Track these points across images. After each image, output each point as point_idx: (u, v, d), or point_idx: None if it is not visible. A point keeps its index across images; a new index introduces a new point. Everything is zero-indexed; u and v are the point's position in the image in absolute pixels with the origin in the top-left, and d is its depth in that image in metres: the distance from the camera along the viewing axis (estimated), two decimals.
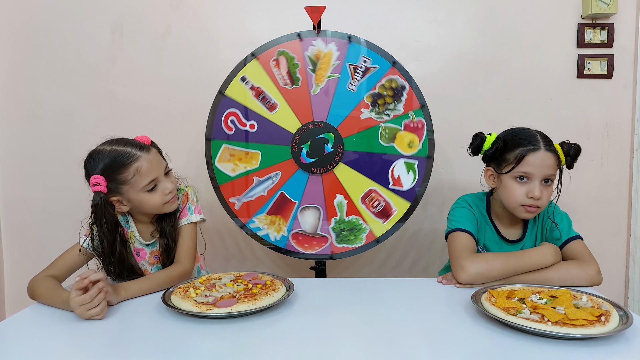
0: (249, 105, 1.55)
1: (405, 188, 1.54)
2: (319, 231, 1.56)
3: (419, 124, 1.52)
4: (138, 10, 1.97)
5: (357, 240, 1.55)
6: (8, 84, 2.03)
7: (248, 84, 1.54)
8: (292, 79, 1.54)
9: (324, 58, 1.53)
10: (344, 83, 1.53)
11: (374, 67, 1.52)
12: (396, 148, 1.53)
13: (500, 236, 1.33)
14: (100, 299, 0.99)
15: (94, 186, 1.16)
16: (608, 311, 0.92)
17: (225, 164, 1.57)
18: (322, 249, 1.56)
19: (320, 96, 1.54)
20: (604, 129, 1.96)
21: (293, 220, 1.56)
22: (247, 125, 1.55)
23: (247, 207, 1.58)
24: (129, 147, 1.21)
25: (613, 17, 1.90)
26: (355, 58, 1.53)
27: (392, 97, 1.52)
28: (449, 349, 0.85)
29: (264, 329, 0.93)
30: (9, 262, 2.12)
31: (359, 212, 1.55)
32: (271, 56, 1.54)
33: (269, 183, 1.56)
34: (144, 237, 1.31)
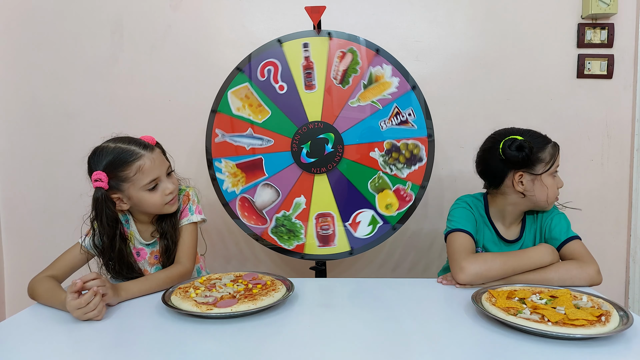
0: (292, 69, 1.54)
1: (357, 235, 1.56)
2: (265, 212, 1.57)
3: (408, 197, 1.54)
4: (138, 11, 1.97)
5: (287, 242, 1.57)
6: (8, 84, 2.03)
7: (306, 52, 1.53)
8: (344, 79, 1.54)
9: (382, 84, 1.53)
10: (379, 116, 1.54)
11: (412, 124, 1.53)
12: (376, 200, 1.55)
13: (499, 236, 1.33)
14: (96, 302, 0.98)
15: (95, 182, 1.17)
16: (608, 311, 0.92)
17: (236, 100, 1.56)
18: (254, 227, 1.57)
19: (353, 111, 1.54)
20: (604, 129, 1.95)
21: (252, 187, 1.57)
22: (278, 83, 1.55)
23: (224, 148, 1.58)
24: (133, 145, 1.21)
25: (613, 17, 1.90)
26: (405, 105, 1.53)
27: (407, 160, 1.53)
28: (449, 349, 0.85)
29: (264, 329, 0.93)
30: (9, 262, 2.12)
31: (307, 223, 1.56)
32: (342, 47, 1.53)
33: (258, 143, 1.56)
34: (144, 237, 1.31)
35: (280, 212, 1.56)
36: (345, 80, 1.53)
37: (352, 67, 1.53)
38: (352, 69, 1.53)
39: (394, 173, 1.53)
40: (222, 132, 1.57)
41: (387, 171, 1.53)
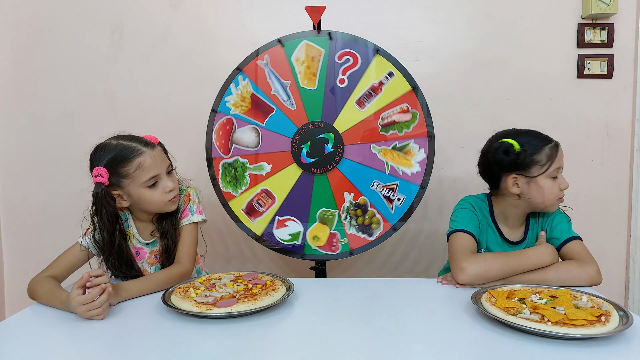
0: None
1: (276, 235, 1.57)
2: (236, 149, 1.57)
3: (334, 248, 1.56)
4: (138, 11, 1.97)
5: (227, 185, 1.58)
6: (8, 84, 2.03)
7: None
8: (387, 126, 1.54)
9: (406, 160, 1.54)
10: (378, 176, 1.56)
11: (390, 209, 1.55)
12: (311, 226, 1.56)
13: (503, 238, 1.33)
14: (102, 300, 0.99)
15: (96, 177, 1.17)
16: (608, 311, 0.92)
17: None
18: (214, 150, 1.58)
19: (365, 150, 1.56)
20: (604, 129, 1.96)
21: (244, 120, 1.56)
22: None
23: (259, 73, 1.57)
24: (135, 142, 1.23)
25: (613, 17, 1.90)
26: (403, 190, 1.55)
27: (360, 225, 1.55)
28: (449, 349, 0.85)
29: (264, 329, 0.93)
30: (9, 262, 2.12)
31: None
32: (408, 101, 1.54)
33: (284, 97, 1.56)
34: (143, 236, 1.31)
35: (245, 160, 1.56)
36: (386, 128, 1.53)
37: (404, 124, 1.53)
38: (401, 126, 1.53)
39: (343, 223, 1.54)
40: (267, 61, 1.55)
41: (342, 216, 1.54)
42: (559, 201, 1.28)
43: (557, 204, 1.28)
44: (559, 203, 1.28)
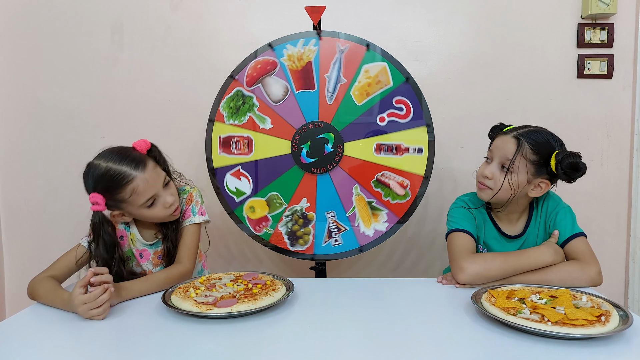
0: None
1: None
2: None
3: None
4: (138, 11, 1.97)
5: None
6: (8, 84, 2.03)
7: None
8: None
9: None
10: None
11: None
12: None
13: (501, 232, 1.32)
14: (103, 299, 0.98)
15: (93, 205, 1.15)
16: (608, 311, 0.92)
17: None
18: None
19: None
20: (604, 129, 1.96)
21: (285, 75, 1.55)
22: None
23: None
24: (124, 165, 1.16)
25: (613, 17, 1.90)
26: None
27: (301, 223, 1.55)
28: (449, 349, 0.85)
29: (264, 329, 0.93)
30: (9, 262, 2.12)
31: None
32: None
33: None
34: (145, 237, 1.31)
35: (257, 104, 1.56)
36: (378, 185, 1.54)
37: (394, 195, 1.53)
38: (392, 195, 1.53)
39: (281, 218, 1.55)
40: (345, 49, 1.53)
41: (286, 213, 1.55)
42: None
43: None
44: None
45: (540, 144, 1.22)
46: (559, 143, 1.25)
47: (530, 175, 1.22)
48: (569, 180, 1.19)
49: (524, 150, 1.21)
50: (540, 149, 1.22)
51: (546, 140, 1.23)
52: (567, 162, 1.16)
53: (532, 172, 1.22)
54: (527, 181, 1.23)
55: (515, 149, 1.22)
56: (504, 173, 1.24)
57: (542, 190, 1.24)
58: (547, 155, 1.21)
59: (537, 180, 1.23)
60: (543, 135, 1.24)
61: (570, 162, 1.16)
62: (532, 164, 1.22)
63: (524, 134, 1.24)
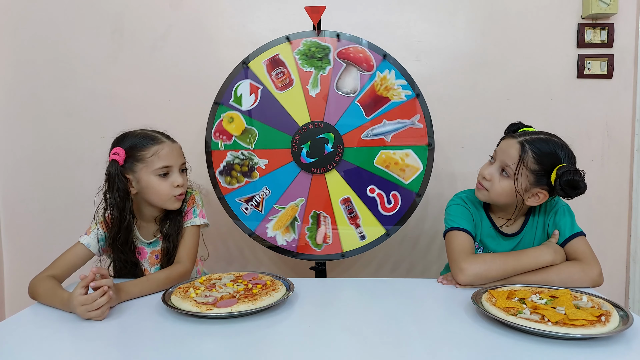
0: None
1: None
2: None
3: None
4: (138, 10, 1.97)
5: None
6: (8, 84, 2.03)
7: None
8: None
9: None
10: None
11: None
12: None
13: (497, 230, 1.31)
14: (102, 301, 0.98)
15: (113, 155, 1.23)
16: (608, 311, 0.92)
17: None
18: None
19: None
20: (604, 129, 1.95)
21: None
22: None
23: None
24: (157, 133, 1.31)
25: (613, 17, 1.90)
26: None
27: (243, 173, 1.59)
28: (449, 349, 0.85)
29: (264, 329, 0.93)
30: (9, 262, 2.12)
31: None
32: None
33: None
34: (144, 235, 1.31)
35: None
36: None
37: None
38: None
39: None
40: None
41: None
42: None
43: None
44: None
45: (545, 154, 1.18)
46: (567, 156, 1.19)
47: (529, 184, 1.19)
48: (566, 197, 1.15)
49: (526, 159, 1.18)
50: (543, 160, 1.17)
51: (552, 151, 1.18)
52: (566, 178, 1.11)
53: (531, 181, 1.19)
54: (525, 189, 1.20)
55: (517, 155, 1.19)
56: (502, 177, 1.22)
57: (539, 200, 1.21)
58: (550, 166, 1.17)
59: (535, 189, 1.20)
60: (551, 145, 1.19)
61: (568, 179, 1.11)
62: (532, 173, 1.18)
63: (531, 142, 1.19)
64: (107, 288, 1.00)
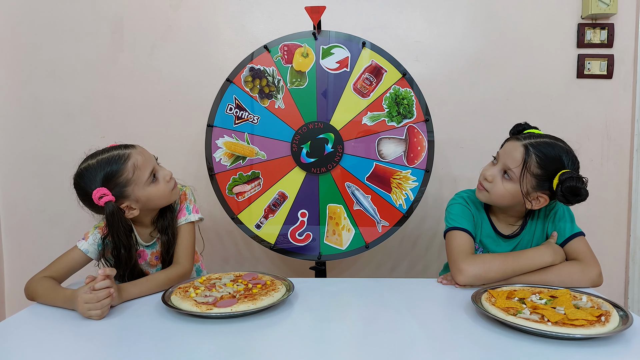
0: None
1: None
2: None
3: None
4: (138, 11, 1.97)
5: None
6: (8, 84, 2.03)
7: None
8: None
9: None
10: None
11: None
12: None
13: (496, 232, 1.31)
14: (105, 303, 0.99)
15: (102, 198, 1.12)
16: (608, 311, 0.92)
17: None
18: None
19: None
20: (604, 129, 1.96)
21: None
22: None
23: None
24: (113, 151, 1.18)
25: (613, 18, 1.90)
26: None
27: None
28: (449, 349, 0.85)
29: (264, 329, 0.93)
30: (9, 262, 2.12)
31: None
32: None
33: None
34: (143, 238, 1.31)
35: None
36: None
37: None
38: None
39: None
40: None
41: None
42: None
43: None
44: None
45: (549, 158, 1.16)
46: (572, 162, 1.17)
47: (531, 187, 1.18)
48: (567, 203, 1.14)
49: (529, 162, 1.16)
50: (547, 165, 1.16)
51: (557, 156, 1.16)
52: (567, 185, 1.10)
53: (533, 185, 1.18)
54: (526, 193, 1.19)
55: (521, 158, 1.17)
56: (504, 179, 1.21)
57: (539, 204, 1.20)
58: (553, 171, 1.15)
59: (536, 193, 1.19)
60: (556, 150, 1.17)
61: (570, 186, 1.10)
62: (535, 177, 1.17)
63: (535, 145, 1.18)
64: (112, 291, 1.01)
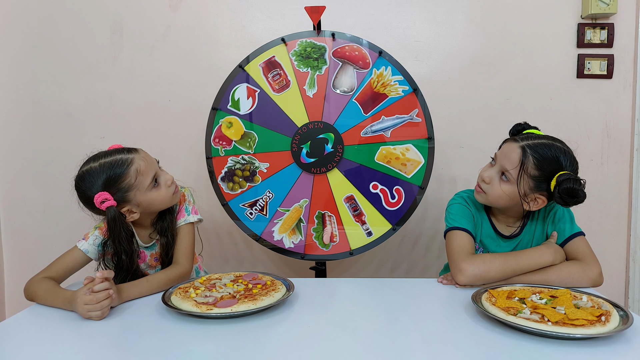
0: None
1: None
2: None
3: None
4: (138, 11, 1.97)
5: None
6: (8, 84, 2.03)
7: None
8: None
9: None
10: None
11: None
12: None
13: (496, 232, 1.31)
14: (104, 304, 0.99)
15: (103, 203, 1.12)
16: (608, 311, 0.92)
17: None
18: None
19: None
20: (604, 129, 1.96)
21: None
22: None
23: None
24: (116, 154, 1.18)
25: (613, 17, 1.90)
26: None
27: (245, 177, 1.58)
28: (449, 349, 0.85)
29: (264, 329, 0.93)
30: (9, 262, 2.12)
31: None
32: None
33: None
34: (142, 239, 1.31)
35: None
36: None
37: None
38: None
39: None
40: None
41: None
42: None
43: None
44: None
45: (547, 159, 1.16)
46: (570, 163, 1.17)
47: (528, 189, 1.18)
48: (565, 205, 1.13)
49: (526, 164, 1.16)
50: (544, 166, 1.16)
51: (555, 157, 1.16)
52: (565, 186, 1.09)
53: (530, 187, 1.18)
54: (524, 194, 1.18)
55: (518, 160, 1.17)
56: (502, 181, 1.21)
57: (537, 205, 1.20)
58: (550, 172, 1.15)
59: (534, 195, 1.19)
60: (553, 151, 1.17)
61: (567, 188, 1.09)
62: (532, 179, 1.17)
63: (532, 146, 1.17)
64: (111, 292, 1.01)
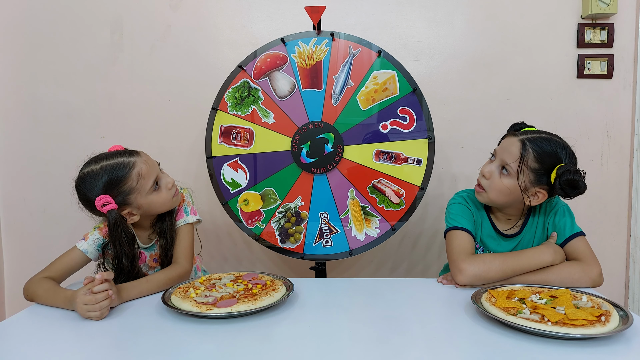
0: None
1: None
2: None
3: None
4: (138, 11, 1.97)
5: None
6: (8, 84, 2.03)
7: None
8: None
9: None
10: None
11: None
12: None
13: (497, 231, 1.31)
14: (102, 305, 0.99)
15: (105, 206, 1.12)
16: (608, 311, 0.92)
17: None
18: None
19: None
20: (604, 129, 1.96)
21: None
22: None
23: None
24: (118, 157, 1.18)
25: (613, 17, 1.90)
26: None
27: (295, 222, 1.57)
28: (449, 349, 0.85)
29: (264, 329, 0.93)
30: (9, 262, 2.12)
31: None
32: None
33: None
34: (142, 240, 1.31)
35: (262, 98, 1.56)
36: (374, 191, 1.56)
37: (388, 202, 1.54)
38: (387, 202, 1.54)
39: (274, 214, 1.57)
40: (356, 54, 1.54)
41: (279, 209, 1.57)
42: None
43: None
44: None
45: (546, 153, 1.18)
46: (568, 156, 1.19)
47: (529, 182, 1.19)
48: (566, 196, 1.15)
49: (526, 157, 1.18)
50: (544, 159, 1.17)
51: (554, 150, 1.18)
52: (565, 178, 1.11)
53: (531, 180, 1.19)
54: (524, 188, 1.19)
55: (518, 153, 1.19)
56: (502, 175, 1.22)
57: (538, 200, 1.21)
58: (550, 166, 1.17)
59: (535, 189, 1.20)
60: (552, 144, 1.19)
61: (568, 179, 1.11)
62: (532, 172, 1.18)
63: (532, 140, 1.19)
64: (111, 292, 1.01)
